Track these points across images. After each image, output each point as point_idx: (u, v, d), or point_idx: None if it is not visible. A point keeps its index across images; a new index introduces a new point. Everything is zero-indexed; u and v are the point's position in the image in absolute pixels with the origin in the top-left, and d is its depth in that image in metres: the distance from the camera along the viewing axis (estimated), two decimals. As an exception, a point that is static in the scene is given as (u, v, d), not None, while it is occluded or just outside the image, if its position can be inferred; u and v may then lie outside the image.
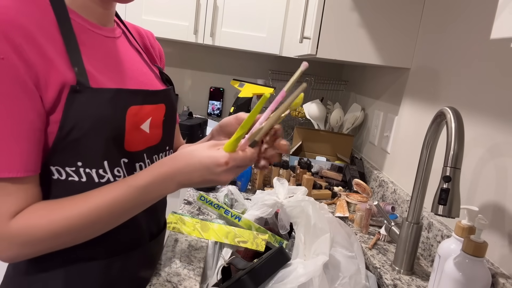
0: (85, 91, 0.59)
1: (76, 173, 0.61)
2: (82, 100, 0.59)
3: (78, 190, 0.60)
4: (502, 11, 0.55)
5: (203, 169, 0.59)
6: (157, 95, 0.73)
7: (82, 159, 0.61)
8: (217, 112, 2.36)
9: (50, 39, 0.58)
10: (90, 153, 0.61)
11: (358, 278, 0.84)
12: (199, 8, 1.90)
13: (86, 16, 0.66)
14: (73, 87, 0.58)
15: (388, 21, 1.35)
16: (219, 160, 0.59)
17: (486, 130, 0.92)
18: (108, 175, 0.64)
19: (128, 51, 0.75)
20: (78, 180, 0.62)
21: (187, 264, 0.88)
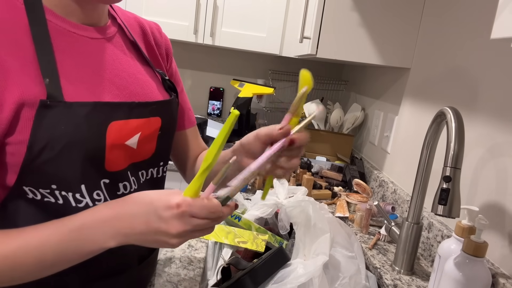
0: (57, 106, 0.51)
1: (52, 195, 0.54)
2: (54, 116, 0.51)
3: (57, 210, 0.54)
4: (502, 11, 0.55)
5: (149, 213, 0.49)
6: (149, 107, 0.63)
7: (56, 182, 0.53)
8: (217, 112, 2.36)
9: (14, 46, 0.50)
10: (65, 176, 0.54)
11: (358, 278, 0.84)
12: (199, 8, 1.90)
13: (66, 16, 0.57)
14: (43, 102, 0.50)
15: (388, 21, 1.35)
16: (170, 202, 0.48)
17: (486, 130, 0.92)
18: (86, 199, 0.56)
19: (121, 54, 0.64)
20: (54, 202, 0.54)
21: (187, 264, 0.88)
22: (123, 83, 0.62)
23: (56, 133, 0.51)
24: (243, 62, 2.35)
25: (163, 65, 0.77)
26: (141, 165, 0.65)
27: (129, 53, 0.67)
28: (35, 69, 0.51)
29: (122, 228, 0.51)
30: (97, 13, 0.61)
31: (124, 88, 0.61)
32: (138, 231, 0.50)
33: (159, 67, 0.75)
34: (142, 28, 0.74)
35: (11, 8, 0.52)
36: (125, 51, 0.66)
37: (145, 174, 0.67)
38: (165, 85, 0.72)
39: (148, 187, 0.68)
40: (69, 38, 0.57)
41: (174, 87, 0.74)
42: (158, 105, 0.65)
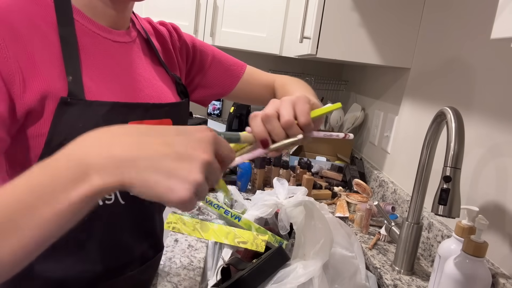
0: (77, 103, 0.53)
1: None
2: (74, 113, 0.52)
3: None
4: (502, 11, 0.55)
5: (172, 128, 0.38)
6: (161, 108, 0.65)
7: None
8: (217, 112, 2.36)
9: (44, 42, 0.53)
10: None
11: (358, 278, 0.84)
12: (199, 8, 1.90)
13: (93, 17, 0.60)
14: (64, 99, 0.52)
15: (388, 21, 1.35)
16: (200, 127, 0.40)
17: (486, 130, 0.92)
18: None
19: (139, 59, 0.67)
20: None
21: (187, 264, 0.88)
22: (139, 86, 0.64)
23: (74, 130, 0.52)
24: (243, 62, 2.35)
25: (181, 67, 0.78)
26: None
27: (146, 58, 0.69)
28: (60, 65, 0.53)
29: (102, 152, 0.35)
30: (122, 17, 0.64)
31: (140, 91, 0.63)
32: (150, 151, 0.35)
33: (174, 70, 0.76)
34: (160, 32, 0.77)
35: (41, 4, 0.54)
36: (143, 55, 0.69)
37: None
38: (178, 89, 0.74)
39: None
40: (94, 39, 0.59)
41: (186, 91, 0.77)
42: (170, 106, 0.67)
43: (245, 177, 1.38)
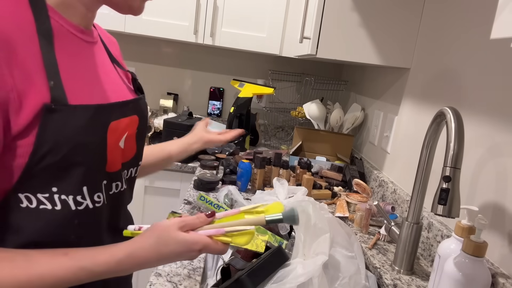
0: (62, 109, 0.51)
1: (50, 200, 0.53)
2: (59, 119, 0.51)
3: (51, 219, 0.54)
4: (502, 11, 0.55)
5: (182, 253, 0.58)
6: (128, 105, 0.65)
7: (58, 184, 0.53)
8: (217, 112, 2.36)
9: (28, 47, 0.50)
10: (68, 179, 0.54)
11: (358, 278, 0.84)
12: (199, 8, 1.90)
13: (67, 16, 0.57)
14: (48, 106, 0.50)
15: (388, 21, 1.35)
16: (193, 248, 0.58)
17: (486, 130, 0.92)
18: (86, 201, 0.57)
19: (105, 59, 0.67)
20: (51, 208, 0.54)
21: (187, 264, 0.88)
22: (110, 86, 0.64)
23: (61, 137, 0.52)
24: (243, 62, 2.35)
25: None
26: (127, 165, 0.68)
27: (108, 57, 0.70)
28: (41, 69, 0.51)
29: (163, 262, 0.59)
30: (92, 17, 0.63)
31: (112, 91, 0.64)
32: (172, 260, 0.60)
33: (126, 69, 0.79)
34: (106, 35, 0.79)
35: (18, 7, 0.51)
36: (106, 55, 0.69)
37: (127, 173, 0.70)
38: (135, 86, 0.76)
39: (129, 186, 0.71)
40: (68, 38, 0.57)
41: (142, 88, 0.78)
42: (134, 103, 0.68)
43: (245, 177, 1.38)
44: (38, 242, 0.55)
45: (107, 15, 1.89)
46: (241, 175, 1.38)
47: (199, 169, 1.64)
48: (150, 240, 0.57)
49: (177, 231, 0.58)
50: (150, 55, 2.30)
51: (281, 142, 2.33)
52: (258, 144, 2.20)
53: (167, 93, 2.32)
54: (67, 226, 0.57)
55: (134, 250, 0.55)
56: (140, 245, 0.56)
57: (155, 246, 0.56)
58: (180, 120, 1.73)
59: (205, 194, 1.00)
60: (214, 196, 1.28)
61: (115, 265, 0.54)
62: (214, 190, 1.36)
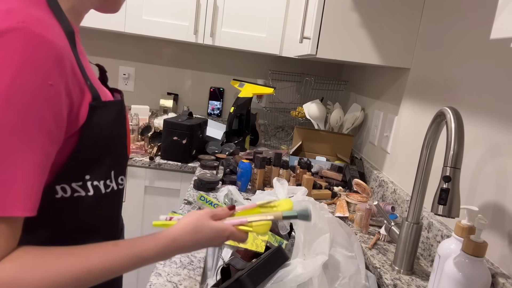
0: (99, 106, 0.58)
1: (83, 187, 0.59)
2: (98, 116, 0.58)
3: (84, 205, 0.60)
4: (502, 11, 0.55)
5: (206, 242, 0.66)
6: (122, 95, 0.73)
7: (90, 172, 0.60)
8: (217, 112, 2.36)
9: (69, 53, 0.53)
10: (100, 166, 0.61)
11: (358, 278, 0.84)
12: (199, 8, 1.90)
13: (73, 21, 0.61)
14: (92, 104, 0.56)
15: (388, 21, 1.35)
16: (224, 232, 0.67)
17: (486, 130, 0.92)
18: (112, 184, 0.64)
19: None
20: (84, 195, 0.60)
21: (187, 264, 0.88)
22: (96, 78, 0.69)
23: (99, 131, 0.58)
24: (243, 62, 2.35)
25: None
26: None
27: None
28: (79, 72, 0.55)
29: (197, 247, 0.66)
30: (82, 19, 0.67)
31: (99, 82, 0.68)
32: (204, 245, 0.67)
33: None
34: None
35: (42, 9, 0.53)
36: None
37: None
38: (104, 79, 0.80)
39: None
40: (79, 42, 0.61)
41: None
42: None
43: (245, 177, 1.38)
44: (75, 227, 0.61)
45: (107, 15, 1.89)
46: (241, 175, 1.38)
47: (199, 169, 1.64)
48: (189, 227, 0.64)
49: (210, 219, 0.66)
50: (150, 55, 2.30)
51: (281, 142, 2.33)
52: (258, 144, 2.20)
53: (167, 93, 2.32)
54: (97, 208, 0.63)
55: (176, 236, 0.63)
56: (181, 232, 0.64)
57: (193, 233, 0.64)
58: (180, 120, 1.73)
59: (205, 194, 1.00)
60: (214, 196, 1.28)
61: (162, 249, 0.61)
62: (214, 190, 1.36)
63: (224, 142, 1.93)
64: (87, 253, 0.55)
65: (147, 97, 2.34)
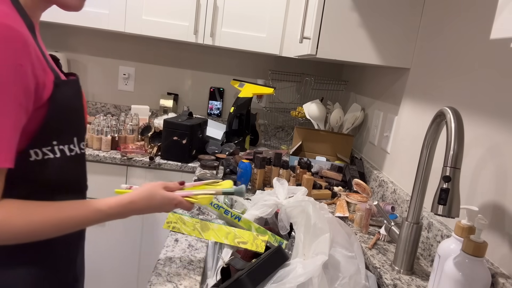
0: (61, 84, 0.70)
1: (52, 151, 0.71)
2: (61, 92, 0.70)
3: (53, 166, 0.72)
4: (502, 11, 0.55)
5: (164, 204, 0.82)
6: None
7: (57, 138, 0.72)
8: (217, 112, 2.36)
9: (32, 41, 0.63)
10: (64, 133, 0.73)
11: (358, 278, 0.84)
12: (199, 8, 1.90)
13: (32, 16, 0.72)
14: (55, 82, 0.69)
15: (388, 21, 1.35)
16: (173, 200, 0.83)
17: (486, 130, 0.92)
18: (76, 148, 0.77)
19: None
20: (53, 157, 0.72)
21: (187, 264, 0.88)
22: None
23: (62, 104, 0.70)
24: (243, 62, 2.35)
25: None
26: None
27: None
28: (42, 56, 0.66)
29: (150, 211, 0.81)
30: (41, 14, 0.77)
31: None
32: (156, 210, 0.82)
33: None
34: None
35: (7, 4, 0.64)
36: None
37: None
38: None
39: None
40: (38, 34, 0.73)
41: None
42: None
43: (245, 177, 1.38)
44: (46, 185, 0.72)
45: (107, 16, 1.89)
46: (241, 175, 1.38)
47: (199, 169, 1.64)
48: (144, 193, 0.79)
49: (162, 189, 0.82)
50: (150, 55, 2.30)
51: (281, 142, 2.33)
52: (258, 144, 2.20)
53: (167, 93, 2.32)
54: (65, 169, 0.75)
55: (134, 199, 0.78)
56: (138, 196, 0.78)
57: (147, 198, 0.79)
58: (180, 120, 1.73)
59: (205, 194, 1.00)
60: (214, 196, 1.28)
61: (121, 209, 0.75)
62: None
63: (224, 142, 1.93)
64: (61, 205, 0.69)
65: (147, 97, 2.34)
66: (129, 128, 1.85)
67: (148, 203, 0.79)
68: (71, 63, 2.27)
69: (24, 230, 0.63)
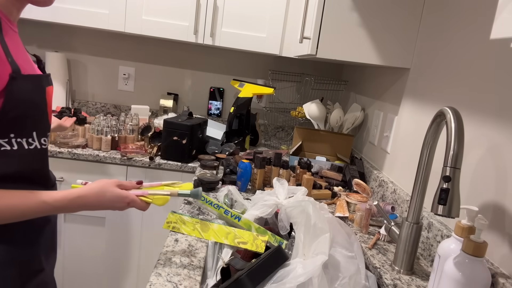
0: (19, 77, 0.72)
1: (9, 143, 0.74)
2: (18, 85, 0.72)
3: (11, 157, 0.74)
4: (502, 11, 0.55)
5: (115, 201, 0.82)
6: (49, 77, 0.86)
7: (14, 131, 0.74)
8: (217, 112, 2.36)
9: None
10: (22, 126, 0.75)
11: (358, 278, 0.84)
12: (199, 8, 1.90)
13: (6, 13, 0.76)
14: (12, 75, 0.71)
15: (388, 21, 1.35)
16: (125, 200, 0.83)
17: (486, 130, 0.92)
18: (35, 143, 0.78)
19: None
20: (10, 149, 0.74)
21: (187, 264, 0.88)
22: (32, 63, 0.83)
23: (20, 97, 0.72)
24: (243, 62, 2.35)
25: None
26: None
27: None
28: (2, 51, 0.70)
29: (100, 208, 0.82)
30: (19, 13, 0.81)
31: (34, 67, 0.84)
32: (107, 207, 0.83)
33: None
34: None
35: None
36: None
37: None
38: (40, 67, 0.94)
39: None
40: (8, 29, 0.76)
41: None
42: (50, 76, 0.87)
43: (245, 177, 1.38)
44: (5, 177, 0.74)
45: (107, 16, 1.89)
46: (241, 175, 1.38)
47: (199, 169, 1.64)
48: (95, 190, 0.80)
49: (114, 186, 0.82)
50: (150, 55, 2.30)
51: (281, 142, 2.33)
52: (258, 144, 2.20)
53: (167, 93, 2.32)
54: (24, 162, 0.77)
55: (82, 194, 0.79)
56: (87, 191, 0.79)
57: (97, 195, 0.80)
58: (180, 120, 1.73)
59: (205, 194, 1.01)
60: (214, 196, 1.28)
61: (67, 203, 0.77)
62: (214, 190, 1.36)
63: (224, 142, 1.93)
64: (9, 194, 0.71)
65: (147, 97, 2.34)
66: (129, 128, 1.86)
67: (97, 199, 0.79)
68: (71, 63, 2.27)
69: None
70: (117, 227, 1.79)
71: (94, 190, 0.80)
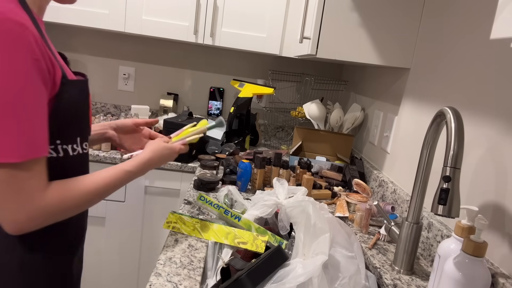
0: (67, 83, 0.70)
1: (55, 150, 0.73)
2: (67, 90, 0.70)
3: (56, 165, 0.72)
4: (502, 11, 0.55)
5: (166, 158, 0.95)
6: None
7: (60, 138, 0.73)
8: (217, 112, 2.36)
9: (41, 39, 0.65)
10: (69, 132, 0.74)
11: (358, 278, 0.84)
12: (199, 8, 1.90)
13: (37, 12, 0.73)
14: (63, 80, 0.69)
15: (388, 21, 1.35)
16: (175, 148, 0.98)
17: (486, 130, 0.92)
18: (78, 148, 0.78)
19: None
20: (56, 156, 0.73)
21: (187, 264, 0.88)
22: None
23: (68, 102, 0.71)
24: (243, 62, 2.35)
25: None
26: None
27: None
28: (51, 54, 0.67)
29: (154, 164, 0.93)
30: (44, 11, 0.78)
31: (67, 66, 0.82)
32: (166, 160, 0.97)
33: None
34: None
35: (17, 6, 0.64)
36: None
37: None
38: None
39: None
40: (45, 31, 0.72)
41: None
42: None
43: (245, 177, 1.38)
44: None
45: (107, 16, 1.89)
46: (241, 175, 1.38)
47: (199, 169, 1.64)
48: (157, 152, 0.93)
49: (164, 143, 0.96)
50: (150, 55, 2.30)
51: (281, 142, 2.33)
52: (258, 144, 2.20)
53: (167, 93, 2.32)
54: (67, 168, 0.76)
55: (149, 157, 0.90)
56: (152, 154, 0.91)
57: (160, 154, 0.93)
58: (180, 120, 1.73)
59: (205, 194, 1.01)
60: (214, 196, 1.28)
61: (142, 166, 0.88)
62: (214, 190, 1.36)
63: (224, 142, 1.93)
64: (94, 174, 0.76)
65: (147, 97, 2.34)
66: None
67: (159, 158, 0.92)
68: (71, 63, 2.27)
69: (78, 202, 0.71)
70: (117, 227, 1.79)
71: (156, 152, 0.92)
